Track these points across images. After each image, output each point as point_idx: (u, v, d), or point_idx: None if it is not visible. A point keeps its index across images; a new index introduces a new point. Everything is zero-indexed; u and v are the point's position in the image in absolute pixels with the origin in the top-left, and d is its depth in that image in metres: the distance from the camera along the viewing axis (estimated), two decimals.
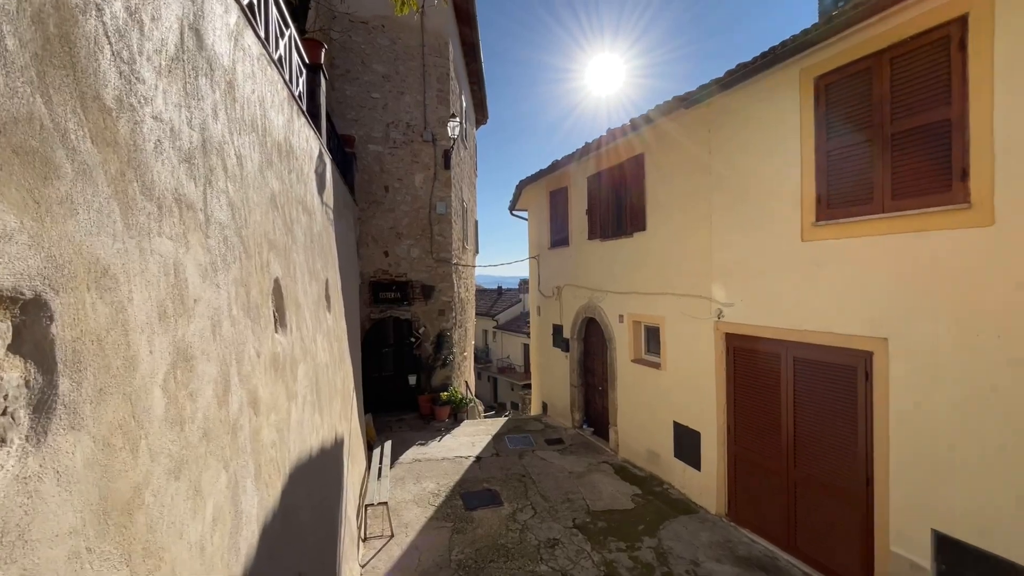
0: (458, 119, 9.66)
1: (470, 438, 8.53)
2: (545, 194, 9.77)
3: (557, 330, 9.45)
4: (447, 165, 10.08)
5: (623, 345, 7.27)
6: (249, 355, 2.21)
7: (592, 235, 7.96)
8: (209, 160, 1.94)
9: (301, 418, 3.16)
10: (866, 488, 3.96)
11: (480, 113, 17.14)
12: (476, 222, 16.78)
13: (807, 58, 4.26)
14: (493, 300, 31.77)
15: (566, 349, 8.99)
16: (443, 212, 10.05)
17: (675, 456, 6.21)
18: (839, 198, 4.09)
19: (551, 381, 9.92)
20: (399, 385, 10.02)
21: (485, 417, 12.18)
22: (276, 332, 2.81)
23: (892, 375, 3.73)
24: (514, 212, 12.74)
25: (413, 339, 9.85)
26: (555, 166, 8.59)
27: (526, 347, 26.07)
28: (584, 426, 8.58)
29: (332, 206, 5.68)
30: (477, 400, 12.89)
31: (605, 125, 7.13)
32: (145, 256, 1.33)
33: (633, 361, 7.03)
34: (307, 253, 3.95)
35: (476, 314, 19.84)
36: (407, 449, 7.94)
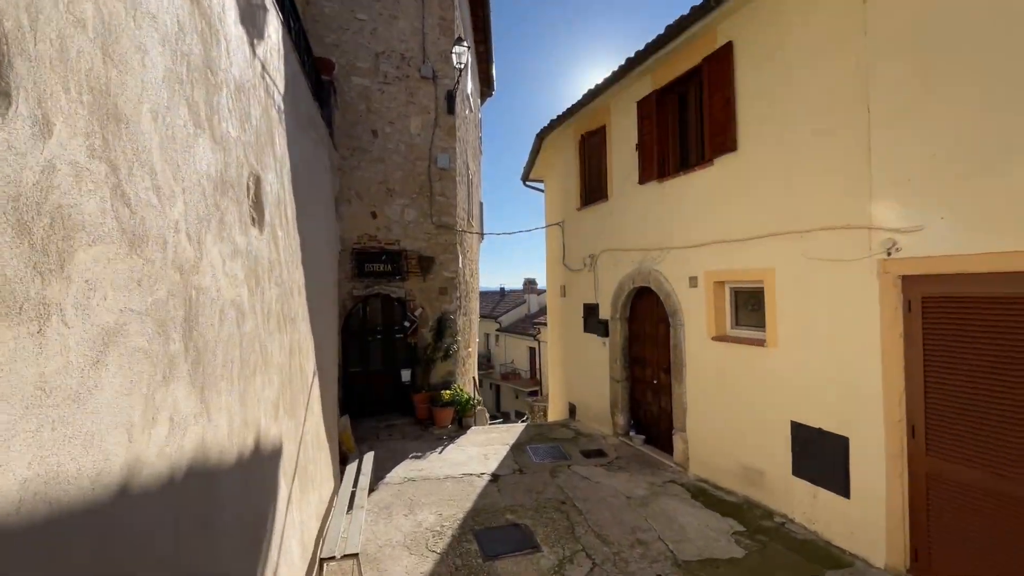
0: (467, 45, 7.75)
1: (481, 449, 6.47)
2: (573, 141, 7.85)
3: (590, 311, 7.45)
4: (451, 109, 8.17)
5: (696, 319, 5.27)
6: None
7: (645, 176, 6.01)
8: None
9: (96, 384, 1.16)
10: None
11: (485, 84, 15.34)
12: (482, 204, 14.88)
13: None
14: (496, 302, 29.78)
15: (604, 333, 6.98)
16: (446, 166, 8.11)
17: (794, 474, 4.18)
18: None
19: (581, 377, 7.88)
20: (389, 382, 7.95)
21: (493, 425, 10.10)
22: None
23: None
24: (529, 182, 10.91)
25: (407, 323, 7.82)
26: (591, 96, 6.69)
27: (532, 351, 24.03)
28: (632, 433, 6.53)
29: (283, 90, 3.74)
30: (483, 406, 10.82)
31: None
32: None
33: (715, 339, 5.02)
34: (205, 93, 2.00)
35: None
36: (397, 464, 5.88)
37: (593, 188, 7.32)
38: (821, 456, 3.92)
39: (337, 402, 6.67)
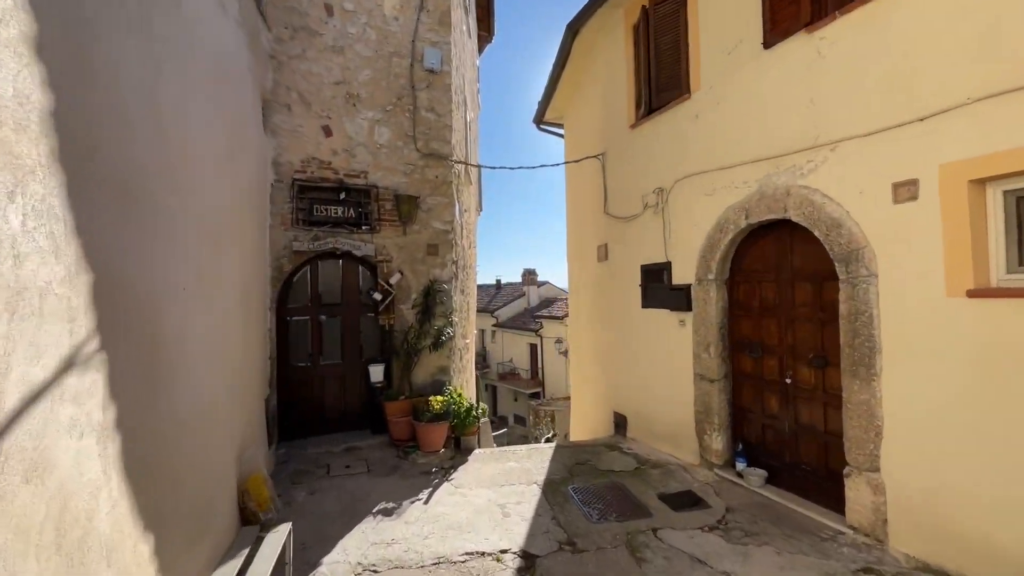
0: None
1: (493, 493, 3.93)
2: (624, 26, 5.35)
3: (653, 275, 4.95)
4: None
5: (908, 262, 2.80)
6: None
7: (780, 28, 3.53)
8: None
9: None
10: None
11: (484, 26, 12.78)
12: (480, 171, 12.30)
13: None
14: (491, 295, 27.24)
15: (683, 307, 4.49)
16: (436, 67, 5.56)
17: None
18: None
19: (637, 375, 5.36)
20: (350, 383, 5.37)
21: (496, 442, 7.52)
22: None
23: None
24: (544, 124, 8.48)
25: (378, 295, 5.24)
26: None
27: (533, 348, 21.56)
28: (740, 464, 4.02)
29: None
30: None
31: None
32: None
33: (970, 295, 2.55)
34: None
35: None
36: (352, 527, 3.32)
37: (663, 85, 4.81)
38: None
39: (263, 414, 4.12)
